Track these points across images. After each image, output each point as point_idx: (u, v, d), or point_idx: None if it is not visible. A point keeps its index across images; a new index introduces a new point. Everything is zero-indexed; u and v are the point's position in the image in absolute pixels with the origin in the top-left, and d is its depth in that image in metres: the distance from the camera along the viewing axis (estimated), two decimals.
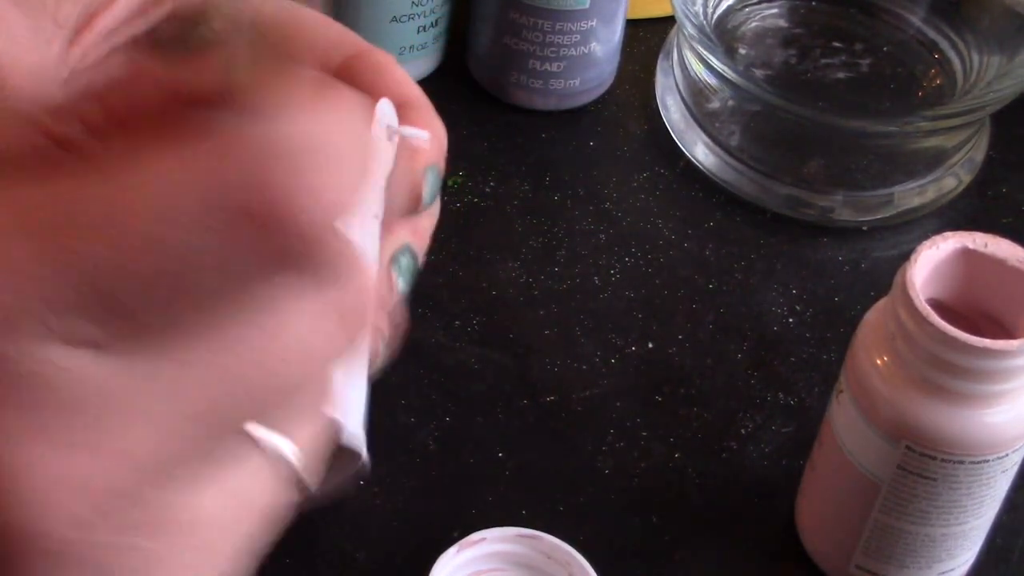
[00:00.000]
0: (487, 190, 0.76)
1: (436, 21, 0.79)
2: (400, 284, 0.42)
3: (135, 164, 0.23)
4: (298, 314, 0.25)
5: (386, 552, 0.63)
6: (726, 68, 0.75)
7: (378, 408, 0.69)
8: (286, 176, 0.24)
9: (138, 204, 0.23)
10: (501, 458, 0.66)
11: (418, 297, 0.64)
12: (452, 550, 0.60)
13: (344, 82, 0.29)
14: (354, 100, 0.25)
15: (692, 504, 0.65)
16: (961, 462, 0.56)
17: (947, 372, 0.54)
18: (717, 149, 0.78)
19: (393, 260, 0.42)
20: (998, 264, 0.56)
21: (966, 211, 0.78)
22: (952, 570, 0.61)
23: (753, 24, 0.82)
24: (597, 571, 0.60)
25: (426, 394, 0.68)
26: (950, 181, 0.78)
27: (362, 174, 0.25)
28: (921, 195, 0.77)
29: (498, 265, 0.73)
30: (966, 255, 0.56)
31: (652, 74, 0.82)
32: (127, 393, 0.24)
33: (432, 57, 0.81)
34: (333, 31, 0.37)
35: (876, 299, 0.59)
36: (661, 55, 0.82)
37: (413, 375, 0.68)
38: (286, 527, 0.28)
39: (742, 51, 0.80)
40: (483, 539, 0.61)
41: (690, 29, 0.75)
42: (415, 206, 0.38)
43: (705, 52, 0.75)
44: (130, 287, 0.23)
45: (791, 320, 0.72)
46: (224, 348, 0.25)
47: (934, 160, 0.77)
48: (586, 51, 0.78)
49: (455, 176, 0.77)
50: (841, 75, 0.80)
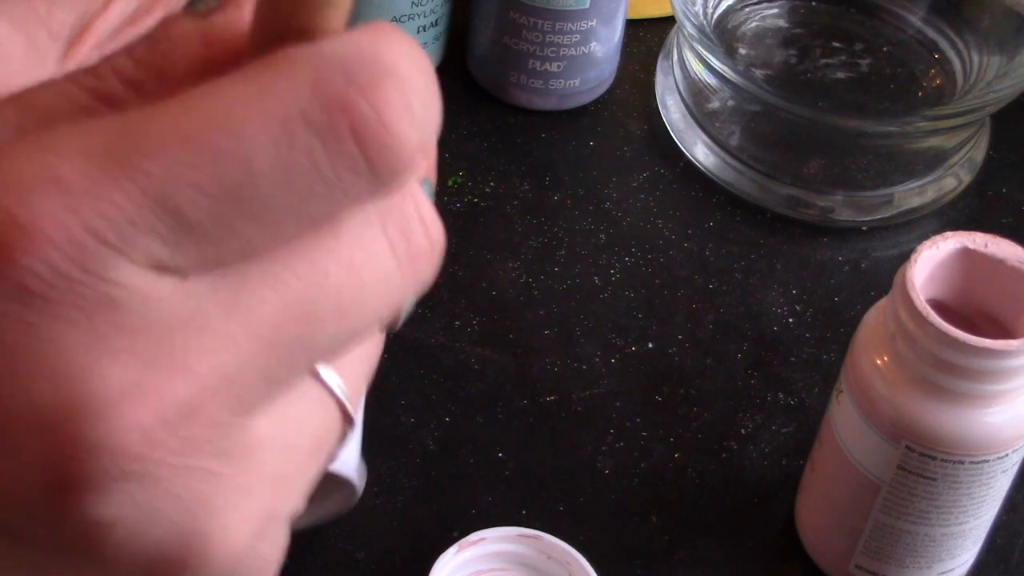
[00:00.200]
0: (487, 190, 0.76)
1: (436, 21, 0.79)
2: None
3: (201, 91, 0.23)
4: (364, 245, 0.25)
5: (386, 552, 0.63)
6: (726, 68, 0.75)
7: (378, 408, 0.70)
8: (370, 91, 0.24)
9: (213, 122, 0.23)
10: (501, 458, 0.66)
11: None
12: (452, 550, 0.60)
13: None
14: (405, 35, 0.25)
15: (692, 504, 0.65)
16: (961, 462, 0.56)
17: (947, 372, 0.54)
18: (717, 149, 0.78)
19: None
20: (998, 264, 0.56)
21: (966, 211, 0.78)
22: (952, 570, 0.61)
23: (753, 24, 0.82)
24: (597, 571, 0.60)
25: (426, 394, 0.68)
26: (950, 181, 0.78)
27: (435, 102, 0.24)
28: (921, 195, 0.77)
29: (498, 265, 0.73)
30: (966, 255, 0.56)
31: (652, 74, 0.82)
32: (198, 314, 0.24)
33: (432, 57, 0.81)
34: None
35: (876, 299, 0.59)
36: (661, 55, 0.82)
37: (413, 375, 0.68)
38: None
39: (742, 51, 0.80)
40: (483, 539, 0.61)
41: (690, 29, 0.75)
42: None
43: (705, 52, 0.75)
44: (205, 206, 0.23)
45: (791, 320, 0.72)
46: (297, 272, 0.25)
47: (934, 160, 0.77)
48: (586, 51, 0.78)
49: (455, 176, 0.76)
50: (841, 75, 0.80)
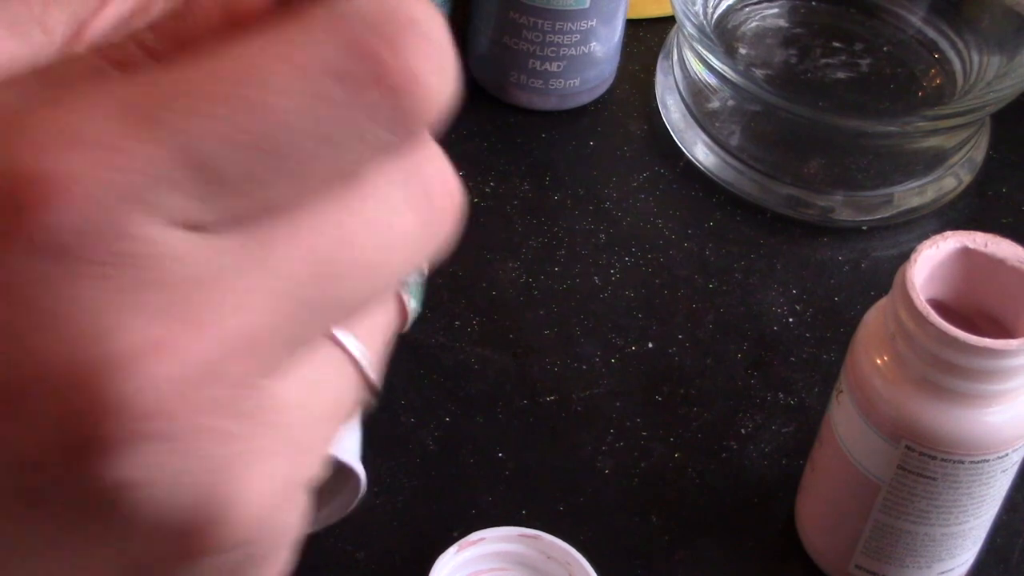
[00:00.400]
0: (487, 190, 0.76)
1: None
2: (412, 304, 0.42)
3: (227, 48, 0.23)
4: (387, 203, 0.25)
5: (386, 552, 0.63)
6: (726, 68, 0.75)
7: (378, 408, 0.69)
8: (395, 40, 0.23)
9: (241, 75, 0.23)
10: (501, 458, 0.66)
11: None
12: (452, 550, 0.60)
13: None
14: None
15: (692, 504, 0.65)
16: (961, 462, 0.56)
17: (947, 372, 0.54)
18: (717, 149, 0.78)
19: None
20: (998, 264, 0.56)
21: (966, 211, 0.78)
22: (952, 570, 0.61)
23: (753, 24, 0.82)
24: (597, 571, 0.60)
25: (426, 394, 0.68)
26: (950, 181, 0.78)
27: (453, 57, 0.24)
28: (921, 195, 0.77)
29: (498, 265, 0.73)
30: (966, 255, 0.56)
31: (652, 74, 0.82)
32: (223, 272, 0.23)
33: None
34: None
35: (876, 299, 0.59)
36: (661, 55, 0.82)
37: (413, 375, 0.68)
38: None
39: (742, 51, 0.80)
40: (483, 539, 0.61)
41: (690, 29, 0.75)
42: None
43: (705, 52, 0.75)
44: (233, 159, 0.23)
45: (791, 320, 0.72)
46: (321, 229, 0.24)
47: (934, 160, 0.77)
48: (586, 51, 0.78)
49: None
50: (841, 75, 0.80)
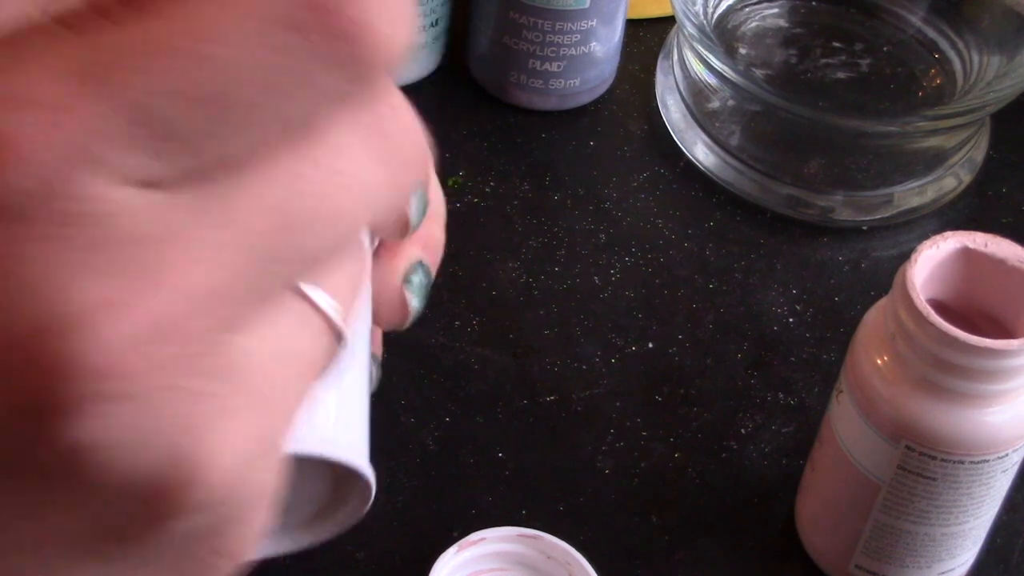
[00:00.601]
0: (487, 190, 0.76)
1: (436, 21, 0.79)
2: (414, 303, 0.41)
3: (175, 3, 0.23)
4: (344, 150, 0.25)
5: (386, 552, 0.63)
6: (726, 68, 0.75)
7: (378, 408, 0.70)
8: None
9: (189, 28, 0.22)
10: (501, 458, 0.66)
11: None
12: (452, 550, 0.60)
13: None
14: None
15: (692, 504, 0.65)
16: (961, 462, 0.56)
17: (947, 372, 0.54)
18: (717, 149, 0.78)
19: (405, 280, 0.41)
20: (998, 264, 0.56)
21: (966, 211, 0.78)
22: (952, 570, 0.61)
23: (753, 24, 0.82)
24: (597, 571, 0.60)
25: (426, 394, 0.68)
26: (950, 181, 0.78)
27: (406, 7, 0.24)
28: (921, 195, 0.77)
29: (498, 265, 0.73)
30: (966, 255, 0.56)
31: (652, 74, 0.82)
32: (179, 228, 0.23)
33: (432, 57, 0.81)
34: None
35: (876, 299, 0.59)
36: (661, 55, 0.82)
37: (413, 375, 0.68)
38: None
39: (742, 51, 0.80)
40: (483, 539, 0.61)
41: (690, 29, 0.75)
42: (403, 231, 0.38)
43: (705, 52, 0.75)
44: (185, 114, 0.22)
45: (791, 320, 0.72)
46: (278, 181, 0.24)
47: (934, 160, 0.77)
48: (586, 51, 0.78)
49: (455, 176, 0.76)
50: (841, 75, 0.80)
